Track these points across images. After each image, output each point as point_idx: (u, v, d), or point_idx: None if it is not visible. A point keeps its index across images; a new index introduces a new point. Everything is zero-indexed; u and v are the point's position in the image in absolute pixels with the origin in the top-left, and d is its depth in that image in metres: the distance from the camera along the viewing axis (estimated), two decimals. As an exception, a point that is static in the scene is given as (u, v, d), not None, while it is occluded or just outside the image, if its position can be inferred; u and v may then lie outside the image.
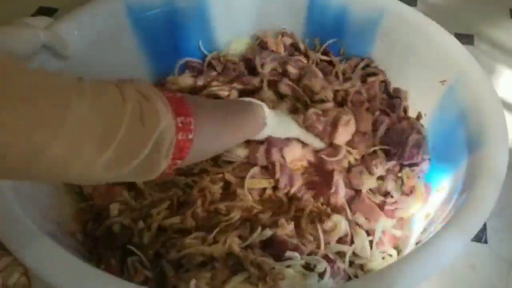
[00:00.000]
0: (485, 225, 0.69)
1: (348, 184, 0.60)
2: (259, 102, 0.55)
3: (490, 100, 0.55)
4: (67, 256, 0.42)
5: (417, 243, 0.54)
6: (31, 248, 0.41)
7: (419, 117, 0.68)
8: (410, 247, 0.56)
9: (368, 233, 0.57)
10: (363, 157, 0.63)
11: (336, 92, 0.67)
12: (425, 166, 0.63)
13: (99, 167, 0.33)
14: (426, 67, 0.65)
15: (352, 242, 0.56)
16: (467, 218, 0.44)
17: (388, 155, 0.63)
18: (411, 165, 0.62)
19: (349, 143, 0.62)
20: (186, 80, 0.71)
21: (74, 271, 0.40)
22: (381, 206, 0.60)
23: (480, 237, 0.68)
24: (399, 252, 0.57)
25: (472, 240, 0.58)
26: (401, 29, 0.67)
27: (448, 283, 0.63)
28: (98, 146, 0.32)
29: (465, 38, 1.01)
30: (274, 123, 0.56)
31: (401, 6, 0.68)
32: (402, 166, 0.63)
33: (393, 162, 0.62)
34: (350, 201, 0.60)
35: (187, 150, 0.40)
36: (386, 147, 0.63)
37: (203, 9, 0.73)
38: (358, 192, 0.61)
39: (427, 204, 0.59)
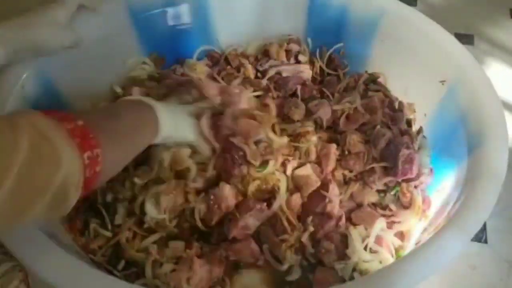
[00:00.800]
0: (485, 225, 0.69)
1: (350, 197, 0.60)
2: (150, 102, 0.50)
3: (490, 100, 0.55)
4: (67, 256, 0.42)
5: (417, 243, 0.54)
6: (31, 248, 0.41)
7: (419, 131, 0.68)
8: (410, 247, 0.56)
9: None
10: (361, 172, 0.62)
11: (333, 111, 0.66)
12: (424, 178, 0.61)
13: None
14: (426, 67, 0.65)
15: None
16: (467, 218, 0.44)
17: (386, 170, 0.62)
18: (408, 180, 0.61)
19: (345, 166, 0.62)
20: (203, 67, 0.73)
21: (74, 271, 0.40)
22: None
23: (480, 237, 0.68)
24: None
25: (472, 240, 0.58)
26: (401, 29, 0.67)
27: (448, 283, 0.63)
28: None
29: (465, 38, 1.01)
30: (170, 125, 0.51)
31: (401, 6, 0.68)
32: (398, 181, 0.62)
33: (389, 178, 0.60)
34: (350, 211, 0.59)
35: (95, 181, 0.38)
36: (383, 164, 0.61)
37: (203, 9, 0.73)
38: (359, 205, 0.60)
39: (425, 217, 0.58)
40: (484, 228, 0.69)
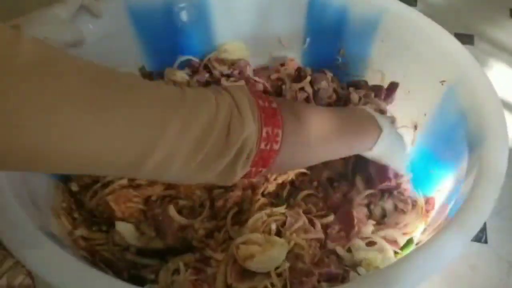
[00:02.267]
0: (485, 225, 0.69)
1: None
2: (377, 117, 0.52)
3: (490, 100, 0.55)
4: (67, 257, 0.42)
5: (417, 243, 0.54)
6: (32, 249, 0.41)
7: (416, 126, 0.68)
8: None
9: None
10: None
11: None
12: (405, 185, 0.62)
13: (191, 170, 0.36)
14: (426, 67, 0.65)
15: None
16: (467, 218, 0.44)
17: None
18: (390, 189, 0.61)
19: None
20: (183, 75, 0.72)
21: (74, 271, 0.40)
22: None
23: (480, 237, 0.68)
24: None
25: (472, 240, 0.58)
26: (401, 29, 0.67)
27: (448, 283, 0.63)
28: (192, 152, 0.35)
29: (465, 38, 1.01)
30: (386, 144, 0.51)
31: (401, 6, 0.68)
32: (382, 193, 0.62)
33: (370, 191, 0.61)
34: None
35: (271, 159, 0.41)
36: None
37: (203, 9, 0.73)
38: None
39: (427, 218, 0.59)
40: (484, 228, 0.69)
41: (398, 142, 0.57)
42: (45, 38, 0.51)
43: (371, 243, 0.56)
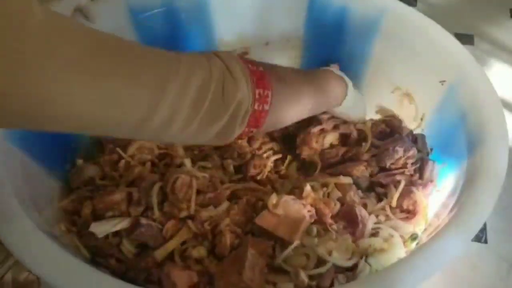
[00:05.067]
0: (485, 225, 0.69)
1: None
2: (344, 77, 0.59)
3: (490, 100, 0.55)
4: (66, 256, 0.42)
5: (417, 243, 0.54)
6: (31, 248, 0.41)
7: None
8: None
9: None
10: None
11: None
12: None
13: (191, 129, 0.39)
14: (426, 67, 0.65)
15: None
16: (467, 218, 0.44)
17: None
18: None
19: None
20: None
21: (73, 271, 0.40)
22: None
23: (480, 237, 0.68)
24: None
25: (472, 240, 0.58)
26: (401, 29, 0.67)
27: (449, 283, 0.63)
28: (191, 111, 0.38)
29: (465, 38, 1.01)
30: (351, 103, 0.60)
31: (401, 6, 0.68)
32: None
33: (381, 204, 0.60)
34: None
35: (262, 119, 0.44)
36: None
37: (203, 9, 0.73)
38: None
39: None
40: (484, 228, 0.69)
41: (359, 97, 0.65)
42: None
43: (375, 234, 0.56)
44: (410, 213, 0.58)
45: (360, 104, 0.66)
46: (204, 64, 0.39)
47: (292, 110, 0.51)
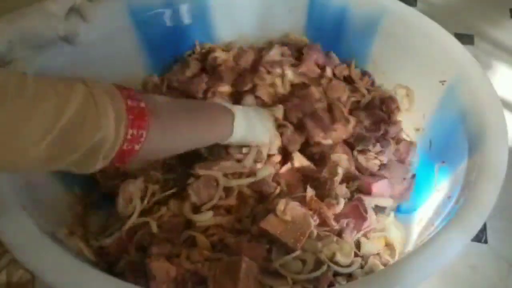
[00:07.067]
0: (485, 225, 0.69)
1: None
2: (230, 107, 0.57)
3: (490, 100, 0.55)
4: (67, 257, 0.42)
5: (417, 244, 0.54)
6: (32, 249, 0.41)
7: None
8: (410, 246, 0.56)
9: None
10: None
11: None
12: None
13: (35, 156, 0.36)
14: (426, 67, 0.65)
15: None
16: (467, 218, 0.44)
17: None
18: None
19: None
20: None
21: (74, 271, 0.40)
22: None
23: (480, 237, 0.68)
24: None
25: (472, 240, 0.58)
26: (401, 29, 0.67)
27: (449, 283, 0.63)
28: (34, 139, 0.35)
29: (465, 38, 1.01)
30: (242, 130, 0.57)
31: (401, 6, 0.68)
32: None
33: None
34: None
35: (129, 158, 0.43)
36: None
37: (203, 9, 0.73)
38: None
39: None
40: (484, 228, 0.69)
41: (256, 118, 0.60)
42: (38, 33, 0.51)
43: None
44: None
45: (257, 125, 0.60)
46: (61, 98, 0.37)
47: (174, 144, 0.50)
